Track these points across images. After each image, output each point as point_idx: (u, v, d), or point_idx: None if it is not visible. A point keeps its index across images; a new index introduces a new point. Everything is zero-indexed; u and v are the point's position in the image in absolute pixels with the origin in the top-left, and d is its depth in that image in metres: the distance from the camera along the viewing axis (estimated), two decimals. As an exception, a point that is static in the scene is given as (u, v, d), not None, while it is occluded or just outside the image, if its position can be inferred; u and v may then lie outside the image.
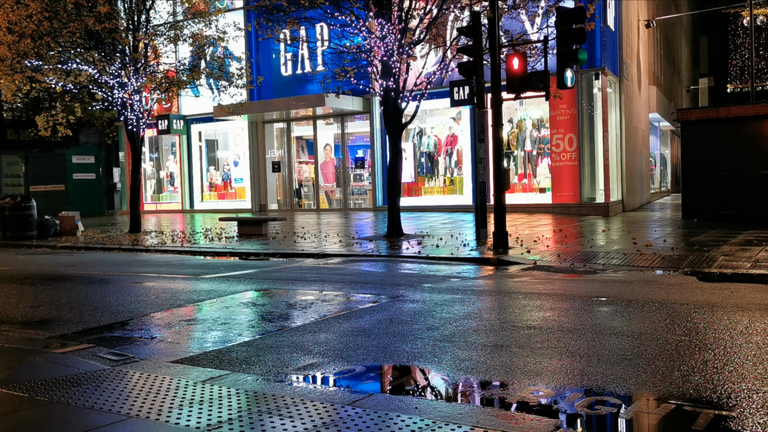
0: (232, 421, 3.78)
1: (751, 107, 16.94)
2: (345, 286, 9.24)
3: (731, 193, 16.36)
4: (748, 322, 6.22)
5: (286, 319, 7.19)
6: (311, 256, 12.84)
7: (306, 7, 15.50)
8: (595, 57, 19.21)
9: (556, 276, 9.76)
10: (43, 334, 6.55)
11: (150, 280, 10.62)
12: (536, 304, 7.66)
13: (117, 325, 7.09)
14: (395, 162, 15.58)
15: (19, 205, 18.62)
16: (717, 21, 49.17)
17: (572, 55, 12.18)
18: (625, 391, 4.40)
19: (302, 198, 25.95)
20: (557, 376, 4.74)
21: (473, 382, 4.78)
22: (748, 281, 8.71)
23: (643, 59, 26.38)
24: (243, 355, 5.59)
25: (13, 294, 9.42)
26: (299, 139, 26.13)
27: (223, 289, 9.11)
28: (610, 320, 6.68)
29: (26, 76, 18.03)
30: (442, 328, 6.28)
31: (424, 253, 12.20)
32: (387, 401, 4.12)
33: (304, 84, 23.90)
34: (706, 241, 12.48)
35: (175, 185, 28.59)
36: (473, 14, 13.32)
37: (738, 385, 4.38)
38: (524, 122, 21.47)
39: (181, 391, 4.36)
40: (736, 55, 52.11)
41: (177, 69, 19.67)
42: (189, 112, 26.89)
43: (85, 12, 17.44)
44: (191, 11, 19.68)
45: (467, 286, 9.09)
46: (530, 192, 21.25)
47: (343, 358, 5.41)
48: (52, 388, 4.51)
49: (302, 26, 17.25)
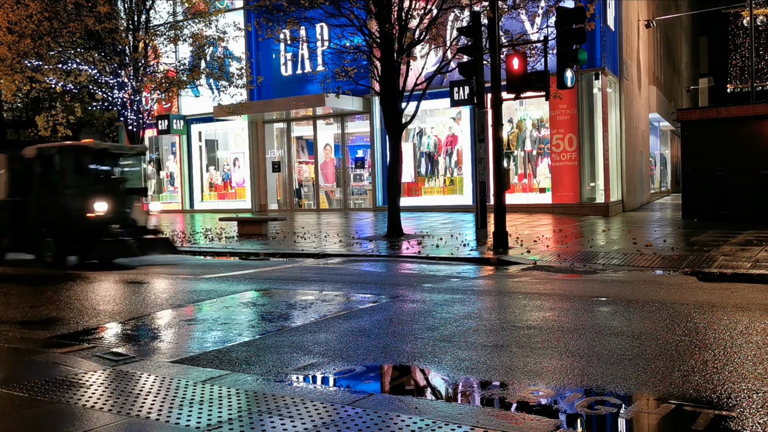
0: (232, 421, 3.78)
1: (750, 107, 16.94)
2: (345, 286, 9.23)
3: (731, 193, 16.35)
4: (748, 322, 6.22)
5: (286, 319, 7.19)
6: (311, 256, 12.83)
7: (306, 7, 15.50)
8: (595, 57, 19.21)
9: (556, 276, 9.75)
10: (43, 334, 6.55)
11: (149, 280, 10.61)
12: (536, 304, 7.66)
13: (117, 325, 7.09)
14: (395, 162, 15.58)
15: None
16: (717, 21, 49.18)
17: (572, 55, 12.18)
18: (625, 391, 4.40)
19: (302, 198, 25.95)
20: (557, 376, 4.74)
21: (473, 382, 4.78)
22: (748, 281, 8.71)
23: (643, 59, 26.38)
24: (243, 355, 5.59)
25: (13, 294, 9.43)
26: (299, 139, 26.13)
27: (223, 289, 9.11)
28: (611, 320, 6.68)
29: (26, 76, 18.04)
30: (442, 328, 6.28)
31: (424, 253, 12.20)
32: (387, 401, 4.12)
33: (304, 84, 23.90)
34: (706, 241, 12.48)
35: (175, 185, 28.60)
36: (473, 14, 13.33)
37: (738, 385, 4.38)
38: (524, 122, 21.47)
39: (181, 391, 4.36)
40: (736, 55, 52.13)
41: (177, 69, 19.67)
42: (189, 112, 26.88)
43: (85, 12, 17.45)
44: (191, 11, 19.69)
45: (467, 286, 9.09)
46: (530, 192, 21.25)
47: (343, 358, 5.40)
48: (52, 388, 4.50)
49: (302, 26, 17.25)
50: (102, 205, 12.39)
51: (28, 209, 13.01)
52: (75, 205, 12.42)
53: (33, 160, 12.82)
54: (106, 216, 12.41)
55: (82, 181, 12.80)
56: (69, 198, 12.50)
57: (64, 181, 12.68)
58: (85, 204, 12.33)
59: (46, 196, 12.72)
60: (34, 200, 12.89)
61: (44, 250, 12.66)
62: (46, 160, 12.77)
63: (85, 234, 12.27)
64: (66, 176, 12.72)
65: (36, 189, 12.87)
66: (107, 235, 12.31)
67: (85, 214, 12.29)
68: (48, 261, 12.56)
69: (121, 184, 13.20)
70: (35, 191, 12.88)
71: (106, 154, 13.24)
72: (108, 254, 12.57)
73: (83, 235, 12.27)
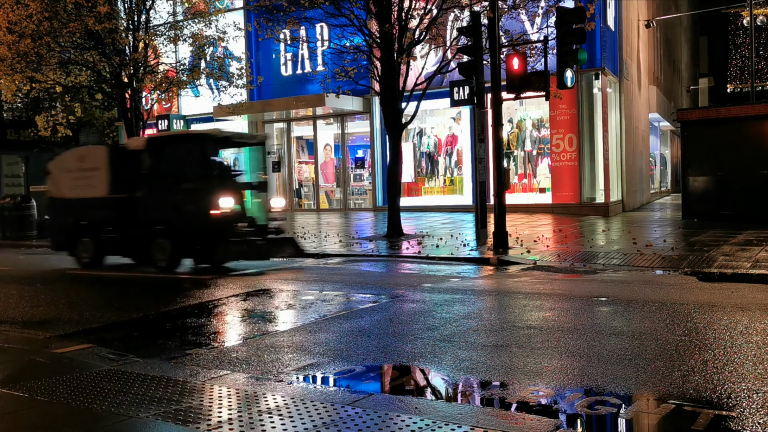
0: (232, 421, 3.78)
1: (750, 107, 16.93)
2: (345, 286, 9.24)
3: (731, 193, 16.34)
4: (748, 322, 6.22)
5: (286, 319, 7.19)
6: (311, 256, 12.83)
7: (306, 7, 15.49)
8: (595, 57, 19.20)
9: (556, 276, 9.75)
10: (43, 334, 6.55)
11: (150, 279, 10.62)
12: (536, 304, 7.66)
13: (117, 324, 7.09)
14: (395, 162, 15.58)
15: (20, 205, 18.63)
16: (717, 21, 49.17)
17: (572, 55, 12.18)
18: (625, 391, 4.40)
19: (302, 198, 25.96)
20: (557, 376, 4.74)
21: (473, 382, 4.78)
22: (748, 281, 8.71)
23: (643, 59, 26.38)
24: (243, 354, 5.59)
25: (13, 294, 9.42)
26: (299, 139, 26.13)
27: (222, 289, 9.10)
28: (611, 320, 6.68)
29: (26, 76, 18.03)
30: (442, 328, 6.28)
31: (424, 253, 12.20)
32: (387, 401, 4.12)
33: (304, 84, 23.90)
34: (706, 241, 12.48)
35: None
36: (473, 14, 13.33)
37: (738, 385, 4.38)
38: (524, 122, 21.47)
39: (181, 391, 4.36)
40: (736, 55, 52.13)
41: (177, 69, 19.67)
42: (189, 112, 26.88)
43: (85, 12, 17.43)
44: (191, 11, 19.68)
45: (467, 285, 9.09)
46: (530, 192, 21.25)
47: (343, 358, 5.41)
48: (52, 388, 4.50)
49: (302, 26, 17.25)
50: (228, 201, 10.90)
51: (134, 207, 11.56)
52: (196, 201, 10.92)
53: (141, 152, 11.44)
54: (231, 213, 10.96)
55: (204, 174, 11.16)
56: (189, 193, 11.01)
57: (182, 174, 11.15)
58: (208, 200, 10.80)
59: (159, 192, 11.32)
60: (143, 197, 11.46)
61: (156, 253, 11.25)
62: (159, 152, 11.44)
63: (208, 234, 10.81)
64: (185, 169, 11.19)
65: (145, 184, 11.46)
66: (233, 235, 10.91)
67: (208, 212, 10.75)
68: (161, 265, 11.18)
69: (243, 177, 12.02)
70: (144, 187, 11.46)
71: (228, 143, 11.91)
72: (236, 256, 11.23)
73: (206, 236, 10.82)
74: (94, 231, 12.01)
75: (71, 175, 12.17)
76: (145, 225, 11.38)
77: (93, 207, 11.90)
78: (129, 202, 11.56)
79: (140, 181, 11.49)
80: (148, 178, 11.43)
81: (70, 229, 12.30)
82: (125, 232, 11.71)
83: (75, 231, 12.21)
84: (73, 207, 12.19)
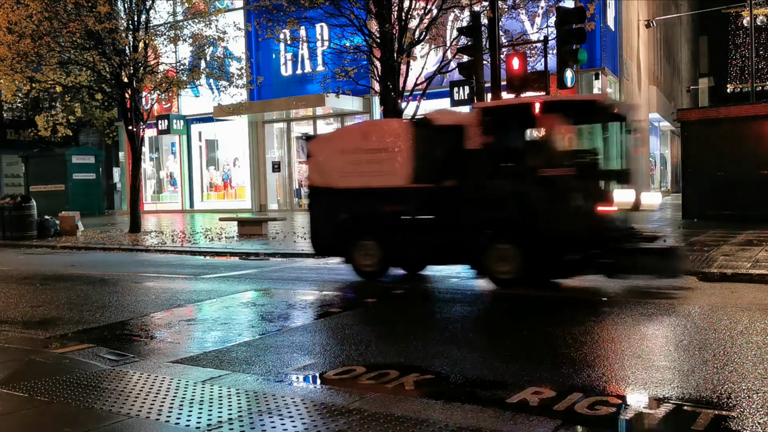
0: (232, 421, 3.78)
1: (750, 107, 16.92)
2: (345, 286, 9.23)
3: (731, 193, 16.32)
4: (748, 322, 6.22)
5: (286, 319, 7.19)
6: (311, 256, 12.81)
7: (306, 7, 15.50)
8: (595, 57, 19.21)
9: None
10: (43, 334, 6.55)
11: (150, 280, 10.61)
12: (536, 304, 7.63)
13: (117, 325, 7.09)
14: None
15: (19, 205, 18.61)
16: (717, 21, 49.22)
17: (572, 55, 12.19)
18: (625, 391, 4.40)
19: (302, 198, 25.95)
20: (557, 377, 4.73)
21: (474, 381, 4.78)
22: (748, 281, 8.70)
23: (643, 59, 26.38)
24: (243, 355, 5.59)
25: (13, 294, 9.42)
26: (299, 139, 26.15)
27: (223, 289, 9.10)
28: (608, 321, 6.68)
29: (26, 76, 18.03)
30: (442, 327, 6.28)
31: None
32: (387, 401, 4.12)
33: (304, 84, 23.91)
34: (706, 241, 12.47)
35: (175, 185, 28.61)
36: (473, 14, 13.34)
37: (738, 385, 4.38)
38: (524, 122, 21.40)
39: (181, 391, 4.36)
40: (736, 55, 52.18)
41: (177, 69, 19.67)
42: (189, 112, 26.90)
43: (85, 12, 17.44)
44: (191, 11, 19.69)
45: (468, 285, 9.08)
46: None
47: (343, 357, 5.40)
48: (52, 388, 4.50)
49: (302, 26, 17.26)
50: (625, 195, 8.06)
51: (458, 200, 8.58)
52: (573, 193, 8.03)
53: (469, 127, 8.45)
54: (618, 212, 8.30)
55: (583, 156, 8.32)
56: (556, 183, 8.02)
57: (547, 155, 8.28)
58: (593, 192, 8.07)
59: (501, 180, 8.38)
60: (471, 186, 8.48)
61: (489, 262, 8.36)
62: (505, 125, 8.65)
63: (593, 239, 7.97)
64: (552, 148, 8.34)
65: (476, 170, 8.42)
66: (626, 242, 8.28)
67: (593, 208, 7.94)
68: (502, 278, 8.27)
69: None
70: (474, 173, 8.45)
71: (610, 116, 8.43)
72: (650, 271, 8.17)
73: (588, 241, 7.96)
74: (381, 231, 9.22)
75: (347, 158, 9.32)
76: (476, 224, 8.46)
77: (384, 199, 9.08)
78: (455, 193, 8.59)
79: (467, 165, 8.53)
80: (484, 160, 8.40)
81: (344, 228, 9.53)
82: (449, 233, 8.70)
83: (353, 231, 9.45)
84: (350, 199, 9.36)
